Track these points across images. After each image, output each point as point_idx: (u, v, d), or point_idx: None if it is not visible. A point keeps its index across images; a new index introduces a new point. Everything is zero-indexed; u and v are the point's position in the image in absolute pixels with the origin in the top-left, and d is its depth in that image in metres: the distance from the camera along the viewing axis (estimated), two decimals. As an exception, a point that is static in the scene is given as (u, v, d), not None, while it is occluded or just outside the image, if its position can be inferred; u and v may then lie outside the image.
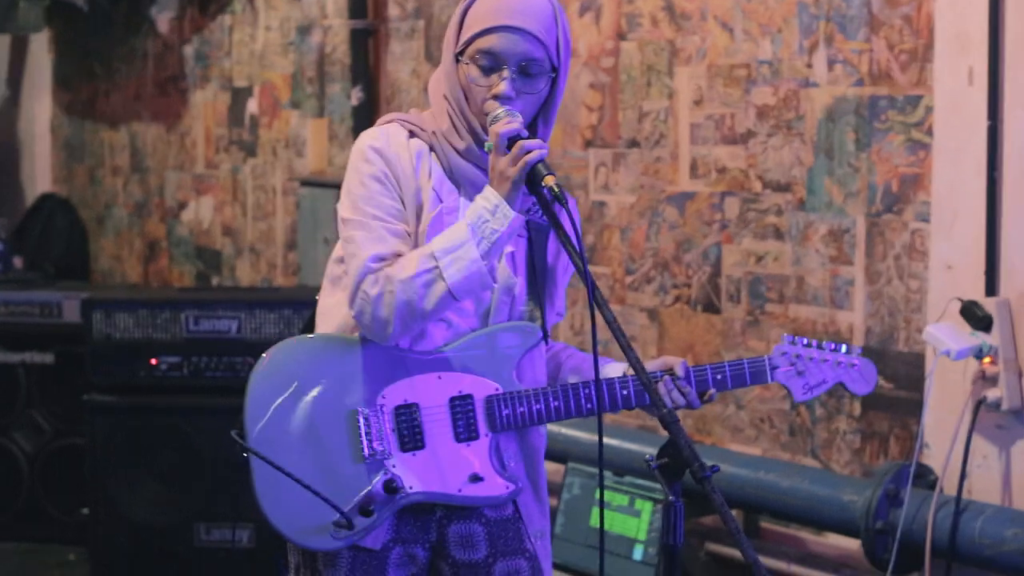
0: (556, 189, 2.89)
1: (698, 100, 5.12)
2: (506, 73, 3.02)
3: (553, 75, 3.07)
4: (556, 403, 3.10)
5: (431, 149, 3.11)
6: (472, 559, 3.16)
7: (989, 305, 4.24)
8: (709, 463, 2.69)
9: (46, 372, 6.49)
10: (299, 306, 5.60)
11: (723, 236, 5.06)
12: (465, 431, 3.08)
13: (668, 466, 2.75)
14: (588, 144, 5.54)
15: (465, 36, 3.05)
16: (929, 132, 4.45)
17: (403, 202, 3.06)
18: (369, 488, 3.04)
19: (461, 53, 3.06)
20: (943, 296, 4.37)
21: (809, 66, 4.77)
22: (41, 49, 8.90)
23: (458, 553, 3.15)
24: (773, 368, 3.20)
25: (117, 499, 5.70)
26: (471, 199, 3.07)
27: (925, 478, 4.40)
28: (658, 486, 4.74)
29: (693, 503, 2.84)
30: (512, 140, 2.95)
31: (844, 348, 3.22)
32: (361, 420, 3.06)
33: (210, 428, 5.58)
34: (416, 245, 3.05)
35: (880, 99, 4.58)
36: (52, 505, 6.47)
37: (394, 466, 3.05)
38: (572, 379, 3.24)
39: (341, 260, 3.14)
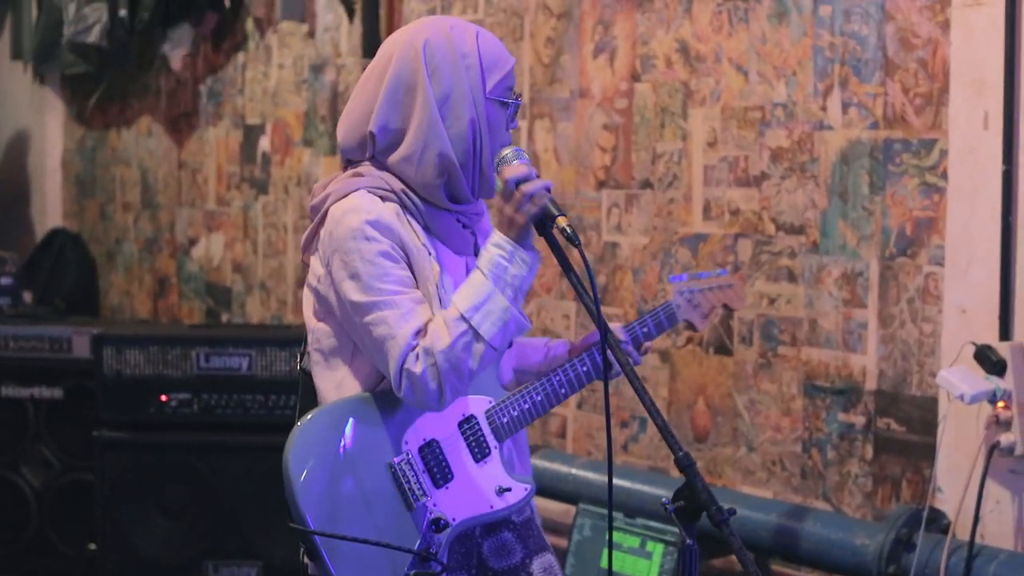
0: (569, 230, 2.91)
1: (712, 142, 5.13)
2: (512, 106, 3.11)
3: None
4: (539, 397, 3.22)
5: (403, 207, 3.07)
6: (511, 564, 3.21)
7: (1003, 349, 4.23)
8: (726, 506, 2.70)
9: (55, 407, 6.47)
10: (310, 344, 5.59)
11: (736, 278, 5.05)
12: (479, 450, 3.14)
13: (684, 509, 2.75)
14: (601, 185, 5.54)
15: (497, 76, 3.05)
16: (944, 176, 4.45)
17: (411, 268, 3.05)
18: (421, 534, 3.07)
19: (494, 95, 3.05)
20: (957, 340, 4.36)
21: (823, 109, 4.77)
22: (54, 84, 8.93)
23: (496, 563, 3.20)
24: (678, 307, 3.50)
25: (126, 535, 5.69)
26: (449, 245, 3.12)
27: (938, 522, 4.38)
28: (670, 528, 4.75)
29: (703, 545, 2.83)
30: (518, 183, 2.97)
31: (717, 272, 3.62)
32: (397, 472, 3.08)
33: (220, 465, 5.59)
34: (431, 304, 3.05)
35: (895, 142, 4.58)
36: (60, 540, 6.45)
37: (435, 505, 3.09)
38: (523, 366, 3.37)
39: (328, 344, 3.15)
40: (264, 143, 7.33)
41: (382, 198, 3.04)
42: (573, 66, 5.63)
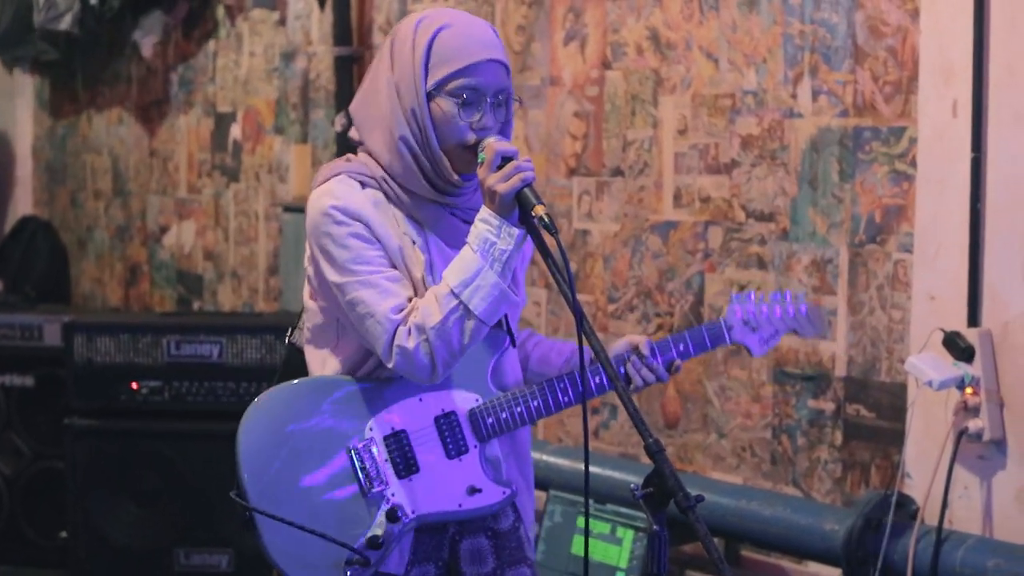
0: (546, 219, 2.91)
1: (682, 129, 5.14)
2: (486, 106, 3.05)
3: (516, 99, 3.13)
4: (536, 402, 3.18)
5: (386, 196, 3.09)
6: (481, 572, 3.21)
7: (971, 336, 4.24)
8: (693, 493, 2.71)
9: (26, 395, 6.47)
10: (281, 332, 5.53)
11: (706, 265, 5.07)
12: (455, 447, 3.14)
13: (653, 495, 2.75)
14: (572, 172, 5.54)
15: (441, 73, 3.04)
16: (913, 163, 4.46)
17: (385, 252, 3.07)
18: (372, 521, 3.07)
19: (435, 90, 3.05)
20: (925, 327, 4.37)
21: (794, 96, 4.79)
22: (23, 71, 8.89)
23: (468, 568, 3.20)
24: (729, 328, 3.34)
25: (97, 523, 5.69)
26: (441, 236, 3.11)
27: (906, 508, 4.40)
28: (640, 514, 4.76)
29: (674, 531, 2.84)
30: (506, 159, 2.98)
31: (789, 296, 3.38)
32: (354, 456, 3.09)
33: (191, 453, 5.58)
34: (416, 292, 3.07)
35: (864, 130, 4.59)
36: (31, 528, 6.45)
37: (393, 495, 3.10)
38: (543, 370, 3.33)
39: (315, 323, 3.20)
40: (235, 131, 7.32)
41: (362, 184, 3.08)
42: (544, 53, 5.64)
